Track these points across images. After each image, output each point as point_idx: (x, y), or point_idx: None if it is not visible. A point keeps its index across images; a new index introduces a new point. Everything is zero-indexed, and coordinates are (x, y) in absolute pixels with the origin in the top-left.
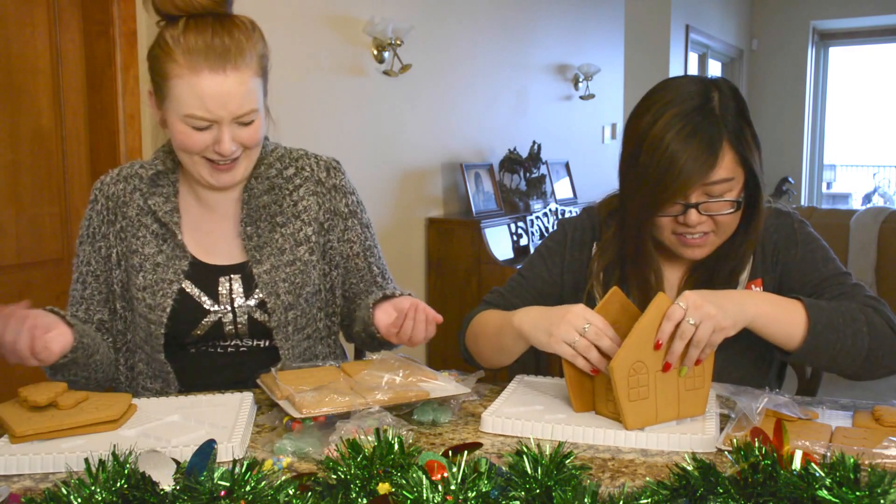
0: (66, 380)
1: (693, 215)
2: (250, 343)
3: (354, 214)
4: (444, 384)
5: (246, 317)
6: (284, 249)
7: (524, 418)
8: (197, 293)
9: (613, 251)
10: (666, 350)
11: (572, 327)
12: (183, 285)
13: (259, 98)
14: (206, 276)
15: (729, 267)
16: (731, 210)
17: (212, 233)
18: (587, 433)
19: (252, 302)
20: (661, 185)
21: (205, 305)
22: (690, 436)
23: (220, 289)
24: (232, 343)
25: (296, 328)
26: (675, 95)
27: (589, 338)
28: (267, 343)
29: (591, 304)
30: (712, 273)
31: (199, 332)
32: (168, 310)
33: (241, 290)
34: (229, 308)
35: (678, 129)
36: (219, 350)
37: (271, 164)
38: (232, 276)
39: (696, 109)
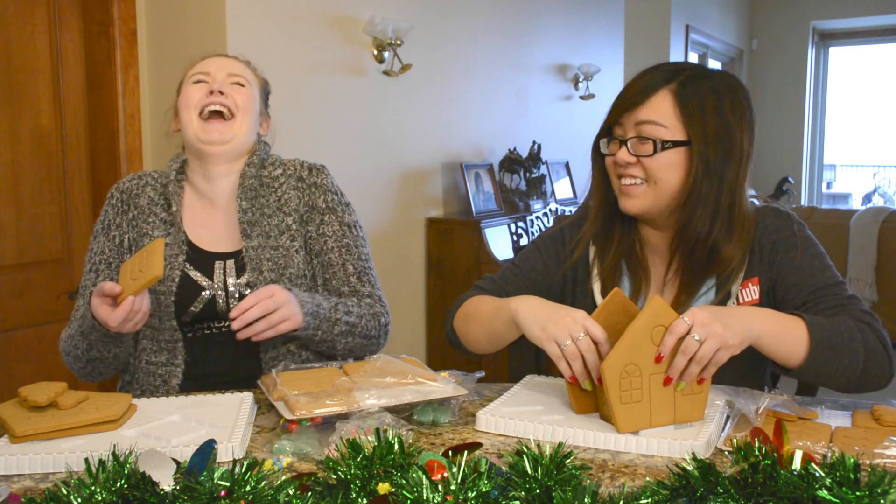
0: (105, 356)
1: (623, 152)
2: None
3: (333, 211)
4: (442, 386)
5: (237, 295)
6: (270, 236)
7: (518, 418)
8: (195, 274)
9: (611, 247)
10: (668, 363)
11: (567, 331)
12: (184, 268)
13: (254, 88)
14: (205, 260)
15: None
16: (651, 152)
17: (212, 227)
18: (577, 435)
19: (242, 280)
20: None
21: (201, 283)
22: (681, 441)
23: (215, 271)
24: (226, 324)
25: None
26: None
27: (580, 347)
28: None
29: (590, 300)
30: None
31: (195, 308)
32: (177, 280)
33: (233, 271)
34: (222, 287)
35: (639, 73)
36: (213, 331)
37: (264, 165)
38: (227, 261)
39: (667, 70)
